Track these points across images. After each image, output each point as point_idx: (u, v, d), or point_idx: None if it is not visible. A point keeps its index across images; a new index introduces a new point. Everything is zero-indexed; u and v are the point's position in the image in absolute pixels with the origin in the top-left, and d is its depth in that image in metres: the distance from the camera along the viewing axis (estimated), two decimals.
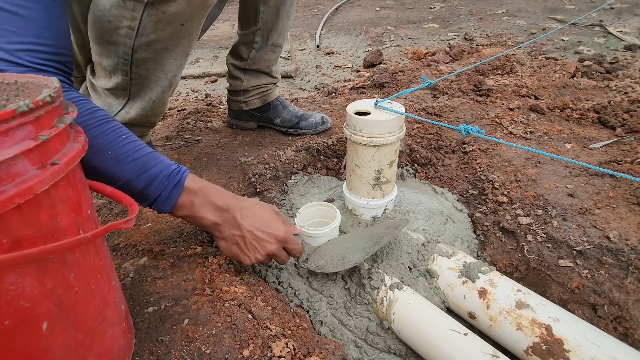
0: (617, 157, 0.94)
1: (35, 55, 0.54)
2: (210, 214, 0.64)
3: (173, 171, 0.62)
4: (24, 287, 0.33)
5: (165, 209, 0.62)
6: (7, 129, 0.30)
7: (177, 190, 0.61)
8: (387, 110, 0.75)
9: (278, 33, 1.08)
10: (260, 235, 0.66)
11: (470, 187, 1.01)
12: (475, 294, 0.72)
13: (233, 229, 0.65)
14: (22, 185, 0.30)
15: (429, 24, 2.72)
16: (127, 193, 0.58)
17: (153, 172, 0.60)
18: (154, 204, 0.61)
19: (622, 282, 0.70)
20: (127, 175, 0.58)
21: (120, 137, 0.59)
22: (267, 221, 0.67)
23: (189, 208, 0.63)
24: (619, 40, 1.91)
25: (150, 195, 0.60)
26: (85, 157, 0.53)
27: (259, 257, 0.67)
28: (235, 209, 0.65)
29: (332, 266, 0.73)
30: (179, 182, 0.62)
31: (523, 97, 1.31)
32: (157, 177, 0.60)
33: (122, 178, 0.58)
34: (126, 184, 0.58)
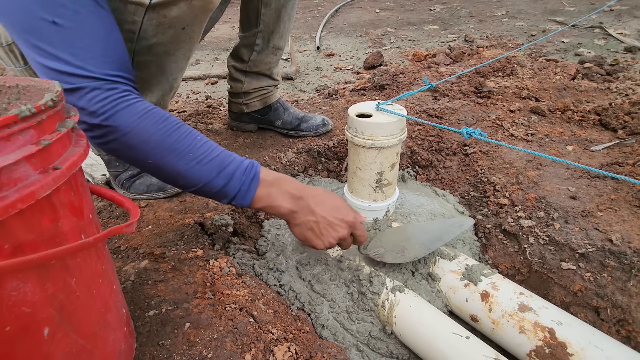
0: (619, 159, 0.94)
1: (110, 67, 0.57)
2: (286, 202, 0.66)
3: (247, 166, 0.64)
4: (25, 293, 0.33)
5: (245, 202, 0.64)
6: (9, 134, 0.29)
7: (254, 184, 0.64)
8: (388, 113, 0.75)
9: (279, 35, 1.08)
10: (333, 221, 0.68)
11: (472, 190, 1.01)
12: (477, 297, 0.72)
13: (308, 215, 0.68)
14: (24, 191, 0.30)
15: (429, 26, 2.72)
16: (208, 192, 0.62)
17: (230, 169, 0.62)
18: (234, 199, 0.63)
19: (625, 285, 0.70)
20: (208, 175, 0.60)
21: (196, 139, 0.61)
22: (338, 208, 0.70)
23: (266, 199, 0.65)
24: (619, 42, 1.91)
25: (230, 192, 0.62)
26: (168, 162, 0.58)
27: (331, 241, 0.69)
28: (309, 196, 0.68)
29: (392, 257, 0.75)
30: (255, 175, 0.64)
31: (524, 99, 1.31)
32: (235, 173, 0.62)
33: (204, 178, 0.60)
34: (208, 183, 0.61)
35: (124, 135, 0.56)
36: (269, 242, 0.90)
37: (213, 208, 0.91)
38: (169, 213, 0.89)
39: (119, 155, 0.60)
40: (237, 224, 0.91)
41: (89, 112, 0.55)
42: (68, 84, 0.54)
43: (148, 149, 0.58)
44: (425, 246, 0.76)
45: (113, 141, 0.57)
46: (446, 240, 0.77)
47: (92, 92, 0.55)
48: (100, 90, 0.55)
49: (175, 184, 0.63)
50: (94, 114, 0.55)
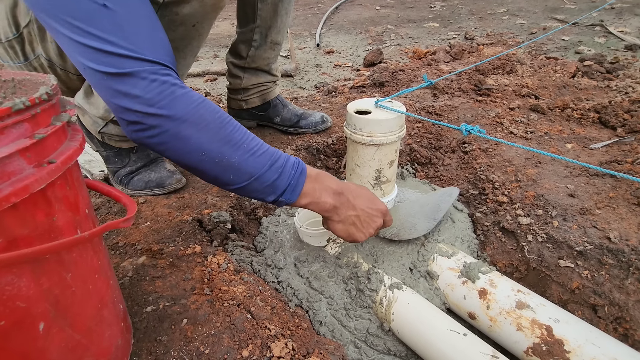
0: (618, 157, 0.94)
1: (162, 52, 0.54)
2: (330, 198, 0.65)
3: (294, 161, 0.63)
4: (20, 287, 0.32)
5: (293, 198, 0.62)
6: (2, 126, 0.29)
7: (302, 178, 0.63)
8: (387, 110, 0.75)
9: (277, 30, 1.07)
10: (371, 212, 0.69)
11: (471, 187, 1.01)
12: (475, 294, 0.72)
13: (349, 210, 0.67)
14: (18, 184, 0.30)
15: (429, 23, 2.71)
16: (258, 187, 0.60)
17: (280, 163, 0.60)
18: (283, 194, 0.61)
19: (623, 282, 0.70)
20: (261, 167, 0.58)
21: (247, 133, 0.59)
22: (372, 199, 0.70)
23: (311, 195, 0.64)
24: (619, 40, 1.91)
25: (280, 186, 0.61)
26: (224, 153, 0.56)
27: (371, 231, 0.70)
28: (347, 191, 0.68)
29: (407, 233, 0.79)
30: (302, 170, 0.63)
31: (523, 97, 1.30)
32: (285, 167, 0.61)
33: (257, 171, 0.58)
34: (260, 176, 0.59)
35: (180, 125, 0.53)
36: (268, 238, 0.90)
37: (211, 205, 0.91)
38: (167, 209, 0.89)
39: (167, 149, 0.55)
40: (236, 221, 0.91)
41: (145, 99, 0.51)
42: (119, 68, 0.49)
43: (204, 140, 0.54)
44: (432, 218, 0.80)
45: (165, 133, 0.53)
46: (444, 209, 0.81)
47: (148, 79, 0.51)
48: (157, 76, 0.51)
49: (225, 180, 0.59)
50: (150, 102, 0.51)
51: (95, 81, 0.51)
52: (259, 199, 0.62)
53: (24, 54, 0.80)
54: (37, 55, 0.80)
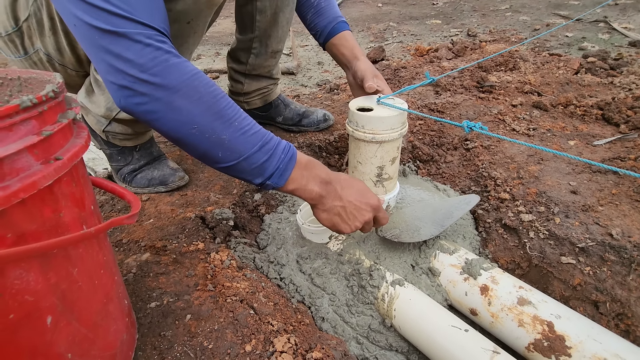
0: (621, 154, 0.94)
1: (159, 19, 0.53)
2: (317, 186, 0.64)
3: (285, 145, 0.62)
4: (28, 281, 0.33)
5: (280, 182, 0.61)
6: (10, 124, 0.30)
7: (292, 164, 0.62)
8: (389, 107, 0.75)
9: (277, 40, 1.06)
10: (359, 205, 0.68)
11: (473, 184, 1.01)
12: (477, 291, 0.72)
13: (335, 201, 0.67)
14: (26, 180, 0.30)
15: (431, 20, 2.70)
16: (246, 168, 0.58)
17: (271, 145, 0.59)
18: (270, 177, 0.60)
19: (625, 279, 0.70)
20: (251, 147, 0.57)
21: (239, 110, 0.58)
22: (362, 192, 0.69)
23: (299, 181, 0.63)
24: (623, 36, 1.89)
25: (268, 169, 0.59)
26: (215, 128, 0.54)
27: (357, 224, 0.69)
28: (336, 181, 0.67)
29: (409, 236, 0.77)
30: (293, 155, 0.62)
31: (526, 94, 1.30)
32: (276, 150, 0.60)
33: (247, 150, 0.57)
34: (249, 157, 0.57)
35: (172, 94, 0.51)
36: (270, 235, 0.91)
37: (214, 202, 0.92)
38: (170, 207, 0.90)
39: (157, 119, 0.53)
40: (238, 218, 0.92)
41: (137, 64, 0.49)
42: (114, 26, 0.48)
43: (196, 112, 0.53)
44: (438, 224, 0.78)
45: (156, 102, 0.51)
46: (456, 217, 0.78)
47: (142, 42, 0.49)
48: (151, 41, 0.50)
49: (213, 157, 0.57)
50: (142, 67, 0.49)
51: (88, 38, 0.50)
52: (246, 180, 0.61)
53: (24, 47, 0.81)
54: (37, 50, 0.80)
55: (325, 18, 0.96)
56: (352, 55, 0.93)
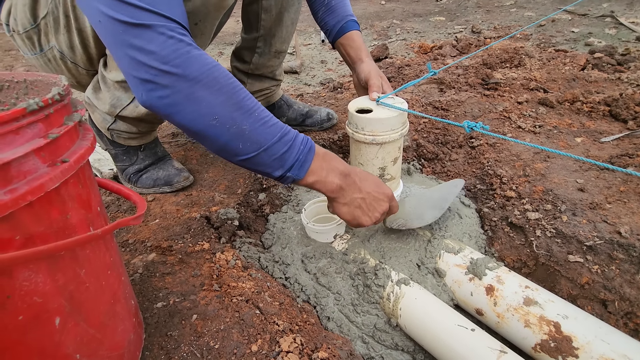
0: (629, 150, 0.92)
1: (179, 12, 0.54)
2: (337, 178, 0.63)
3: (304, 137, 0.61)
4: (36, 283, 0.33)
5: (300, 174, 0.60)
6: (17, 127, 0.30)
7: (311, 155, 0.61)
8: (389, 107, 0.75)
9: (281, 40, 1.06)
10: (377, 196, 0.68)
11: (478, 182, 1.00)
12: (482, 291, 0.72)
13: (355, 193, 0.66)
14: (34, 183, 0.31)
15: (435, 17, 2.68)
16: (266, 160, 0.58)
17: (290, 136, 0.59)
18: (290, 169, 0.59)
19: (634, 277, 0.69)
20: (270, 138, 0.57)
21: (258, 103, 0.58)
22: (377, 183, 0.69)
23: (318, 173, 0.62)
24: (630, 31, 1.86)
25: (288, 160, 0.59)
26: (236, 119, 0.54)
27: (377, 215, 0.68)
28: (354, 173, 0.66)
29: (416, 222, 0.79)
30: (312, 147, 0.61)
31: (532, 91, 1.29)
32: (295, 141, 0.59)
33: (267, 141, 0.56)
34: (269, 148, 0.57)
35: (194, 85, 0.51)
36: (275, 235, 0.91)
37: (219, 202, 0.92)
38: (176, 207, 0.90)
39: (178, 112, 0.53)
40: (243, 218, 0.92)
41: (160, 56, 0.50)
42: (138, 19, 0.49)
43: (216, 103, 0.53)
44: (439, 207, 0.81)
45: (178, 93, 0.51)
46: (450, 200, 0.82)
47: (165, 34, 0.50)
48: (174, 33, 0.51)
49: (233, 149, 0.56)
50: (165, 59, 0.50)
51: (111, 33, 0.51)
52: (265, 173, 0.60)
53: (40, 44, 0.82)
54: (51, 47, 0.81)
55: (335, 16, 0.96)
56: (357, 56, 0.93)
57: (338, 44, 0.97)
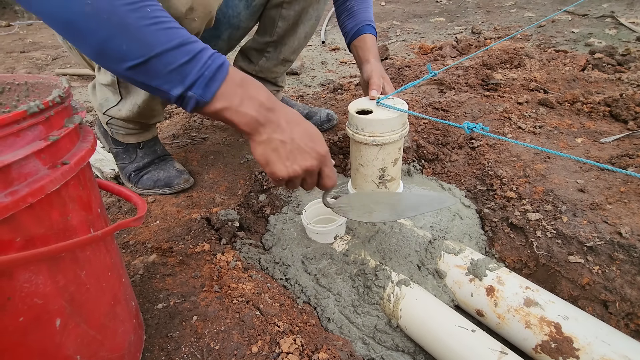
0: (629, 151, 0.92)
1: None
2: (253, 110, 0.53)
3: (214, 52, 0.52)
4: (37, 285, 0.34)
5: (205, 95, 0.50)
6: (18, 129, 0.30)
7: (222, 74, 0.51)
8: (389, 108, 0.75)
9: (291, 50, 1.07)
10: (303, 146, 0.57)
11: (478, 183, 1.00)
12: (482, 292, 0.72)
13: (276, 133, 0.56)
14: (34, 185, 0.31)
15: (435, 18, 2.68)
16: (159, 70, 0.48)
17: (195, 47, 0.49)
18: (192, 87, 0.50)
19: (634, 278, 0.69)
20: (165, 41, 0.47)
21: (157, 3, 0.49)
22: (312, 135, 0.59)
23: (230, 99, 0.52)
24: (631, 31, 1.86)
25: (190, 74, 0.49)
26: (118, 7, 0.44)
27: (296, 169, 0.58)
28: (281, 111, 0.57)
29: (356, 215, 0.69)
30: (223, 64, 0.51)
31: (532, 91, 1.29)
32: (202, 53, 0.50)
33: (159, 45, 0.47)
34: (163, 54, 0.47)
35: None
36: (275, 236, 0.91)
37: (219, 203, 0.92)
38: (176, 208, 0.91)
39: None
40: (243, 219, 0.92)
41: None
42: None
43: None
44: (396, 212, 0.71)
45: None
46: (422, 211, 0.71)
47: None
48: None
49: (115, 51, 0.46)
50: None
51: None
52: (162, 92, 0.50)
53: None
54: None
55: (354, 20, 0.98)
56: (364, 57, 0.94)
57: (352, 46, 0.98)
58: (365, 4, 1.00)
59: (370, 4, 1.02)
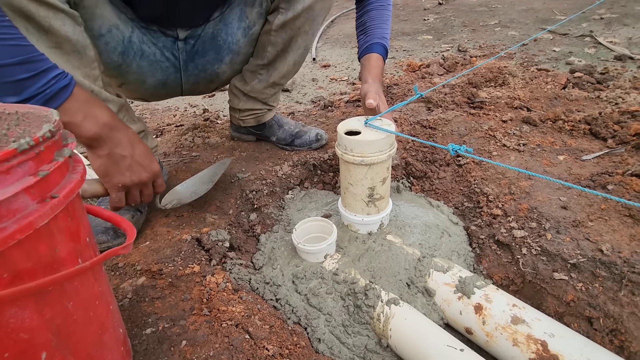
0: (609, 168, 0.95)
1: None
2: (96, 127, 0.63)
3: (62, 72, 0.60)
4: (23, 319, 0.34)
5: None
6: (8, 167, 0.31)
7: (65, 94, 0.59)
8: (376, 129, 0.77)
9: (280, 75, 1.10)
10: (141, 162, 0.70)
11: (465, 200, 1.02)
12: (471, 310, 0.73)
13: (117, 148, 0.67)
14: (23, 221, 0.31)
15: (423, 36, 2.76)
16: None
17: (39, 66, 0.56)
18: (30, 100, 0.56)
19: (616, 294, 0.71)
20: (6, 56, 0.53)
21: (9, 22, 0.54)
22: (147, 153, 0.73)
23: (72, 115, 0.60)
24: (609, 50, 1.95)
25: (29, 89, 0.55)
26: None
27: (134, 179, 0.71)
28: (123, 131, 0.68)
29: (189, 198, 0.90)
30: (69, 85, 0.60)
31: (516, 109, 1.33)
32: (46, 73, 0.56)
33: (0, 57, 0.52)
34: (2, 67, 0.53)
35: None
36: (266, 255, 0.91)
37: (210, 223, 0.92)
38: (166, 228, 0.90)
39: None
40: (234, 238, 0.92)
41: None
42: None
43: None
44: (209, 181, 0.94)
45: None
46: (219, 174, 0.96)
47: None
48: None
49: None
50: None
51: None
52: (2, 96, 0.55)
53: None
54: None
55: (365, 37, 1.02)
56: (364, 77, 0.97)
57: (360, 63, 1.03)
58: (379, 20, 1.02)
59: (387, 17, 1.04)
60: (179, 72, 0.99)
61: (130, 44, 0.84)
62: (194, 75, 1.02)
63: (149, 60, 0.90)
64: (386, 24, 1.03)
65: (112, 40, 0.80)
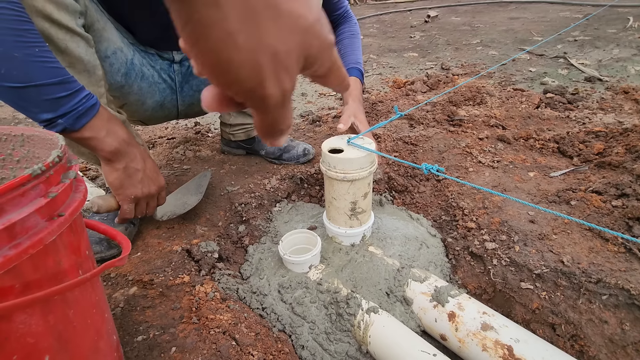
0: (573, 185, 1.03)
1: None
2: (116, 142, 0.70)
3: (89, 94, 0.66)
4: (30, 325, 0.37)
5: (75, 125, 0.64)
6: (23, 191, 0.35)
7: (93, 111, 0.66)
8: (358, 148, 0.83)
9: None
10: (151, 176, 0.78)
11: (443, 214, 1.08)
12: (445, 317, 0.78)
13: (133, 162, 0.74)
14: (34, 238, 0.35)
15: (409, 53, 2.88)
16: (36, 97, 0.59)
17: (74, 86, 0.63)
18: (64, 116, 0.62)
19: (576, 302, 0.77)
20: (46, 76, 0.58)
21: (47, 47, 0.59)
22: (155, 168, 0.81)
23: (97, 131, 0.67)
24: (580, 72, 2.07)
25: (64, 106, 0.61)
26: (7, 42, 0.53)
27: (145, 191, 0.78)
28: (137, 147, 0.75)
29: (182, 209, 0.96)
30: (96, 104, 0.67)
31: (492, 127, 1.41)
32: (79, 92, 0.63)
33: (40, 78, 0.58)
34: (43, 86, 0.58)
35: None
36: (253, 266, 0.95)
37: (200, 235, 0.96)
38: (157, 240, 0.94)
39: None
40: (223, 250, 0.96)
41: None
42: None
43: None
44: (197, 192, 1.02)
45: None
46: (204, 186, 1.04)
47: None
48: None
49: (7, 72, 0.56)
50: None
51: None
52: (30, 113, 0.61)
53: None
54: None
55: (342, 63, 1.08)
56: (345, 99, 1.05)
57: None
58: (353, 47, 1.11)
59: (358, 45, 1.13)
60: (175, 94, 1.04)
61: (132, 65, 0.89)
62: (189, 97, 1.07)
63: (148, 82, 0.95)
64: (358, 50, 1.11)
65: (117, 61, 0.85)
